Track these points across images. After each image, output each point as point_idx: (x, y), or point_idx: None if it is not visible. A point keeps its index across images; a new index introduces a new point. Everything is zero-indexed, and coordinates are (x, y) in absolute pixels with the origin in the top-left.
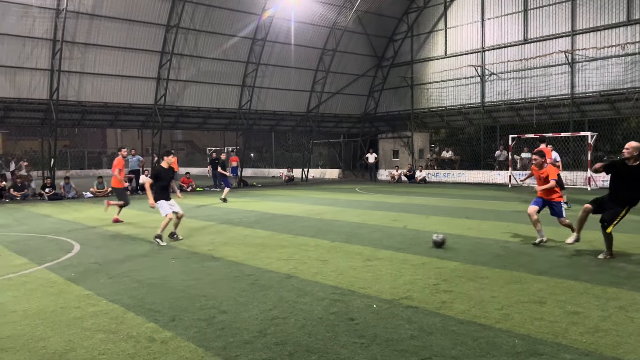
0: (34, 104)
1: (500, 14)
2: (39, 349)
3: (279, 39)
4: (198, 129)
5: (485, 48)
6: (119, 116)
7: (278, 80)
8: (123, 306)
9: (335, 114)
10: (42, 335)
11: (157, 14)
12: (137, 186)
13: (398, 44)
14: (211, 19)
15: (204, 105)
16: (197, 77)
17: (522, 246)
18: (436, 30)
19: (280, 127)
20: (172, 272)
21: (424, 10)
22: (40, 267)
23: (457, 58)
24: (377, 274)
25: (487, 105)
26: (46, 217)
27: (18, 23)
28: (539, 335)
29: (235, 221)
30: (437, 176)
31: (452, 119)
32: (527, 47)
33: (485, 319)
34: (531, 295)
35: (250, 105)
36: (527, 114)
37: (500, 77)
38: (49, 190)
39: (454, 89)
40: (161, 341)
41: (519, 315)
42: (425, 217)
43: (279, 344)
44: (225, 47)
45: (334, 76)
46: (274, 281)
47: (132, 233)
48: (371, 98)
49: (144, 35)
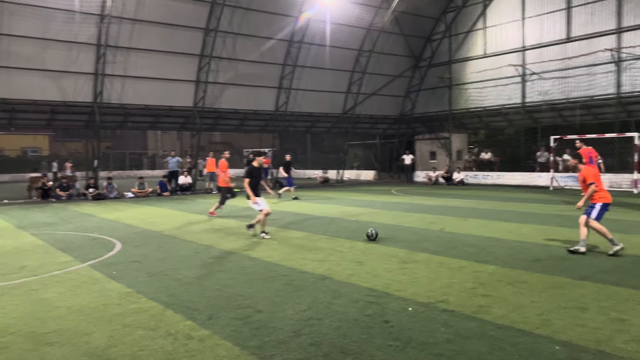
0: (79, 107)
1: (541, 12)
2: (82, 344)
3: (315, 41)
4: (235, 131)
5: (525, 47)
6: (159, 118)
7: (314, 82)
8: (162, 304)
9: (371, 115)
10: (86, 331)
11: (196, 18)
12: (177, 186)
13: (436, 44)
14: (249, 22)
15: (241, 108)
16: (235, 80)
17: (564, 250)
18: (475, 30)
19: (315, 128)
20: (209, 271)
21: (462, 10)
22: (84, 265)
23: (496, 57)
24: (413, 277)
25: (527, 105)
26: (90, 216)
27: (64, 29)
28: (580, 342)
29: (270, 222)
30: (476, 178)
31: (492, 120)
32: (569, 46)
33: (524, 324)
34: (573, 300)
35: (286, 107)
36: (570, 115)
37: (542, 76)
38: (93, 190)
39: (493, 89)
40: (198, 339)
41: (559, 321)
42: (463, 220)
43: (313, 345)
44: (263, 50)
45: (370, 77)
46: (309, 282)
47: (172, 233)
48: (408, 99)
49: (183, 39)
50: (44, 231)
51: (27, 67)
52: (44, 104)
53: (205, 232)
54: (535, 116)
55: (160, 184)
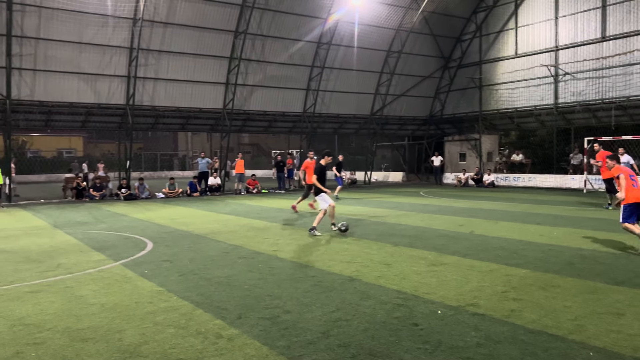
0: (112, 109)
1: (575, 11)
2: (116, 341)
3: (343, 42)
4: (264, 133)
5: (559, 47)
6: (190, 120)
7: (342, 83)
8: (192, 303)
9: (400, 116)
10: (118, 328)
11: (226, 21)
12: (206, 187)
13: (466, 44)
14: (278, 24)
15: (269, 109)
16: (264, 82)
17: (598, 254)
18: (506, 30)
19: (343, 129)
20: (238, 271)
21: (493, 9)
22: (117, 263)
23: (528, 58)
24: (442, 280)
25: (560, 106)
26: (122, 216)
27: (98, 33)
28: (616, 348)
29: (298, 223)
30: (507, 180)
31: (523, 121)
32: (605, 45)
33: (557, 330)
34: (608, 306)
35: (314, 108)
36: (605, 116)
37: (575, 76)
38: (125, 190)
39: (525, 89)
40: (228, 338)
41: (594, 326)
42: (493, 223)
43: (342, 346)
44: (291, 52)
45: (399, 78)
46: (337, 283)
47: (201, 233)
48: (437, 100)
49: (213, 42)
50: (78, 230)
51: (64, 71)
52: (79, 106)
53: (234, 232)
54: (569, 117)
55: (190, 184)
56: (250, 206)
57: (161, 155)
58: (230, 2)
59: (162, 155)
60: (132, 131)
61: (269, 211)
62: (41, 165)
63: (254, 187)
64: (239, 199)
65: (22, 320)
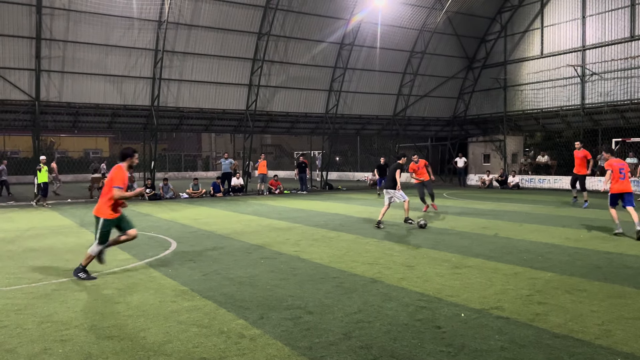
0: (138, 110)
1: (603, 10)
2: (140, 339)
3: (366, 43)
4: (286, 134)
5: (585, 46)
6: (213, 121)
7: (364, 84)
8: (215, 302)
9: (423, 117)
10: (143, 327)
11: (249, 23)
12: (229, 188)
13: (490, 45)
14: (301, 25)
15: (292, 110)
16: (286, 83)
17: (627, 258)
18: (532, 30)
19: (365, 130)
20: (260, 271)
21: (518, 9)
22: (141, 263)
23: (554, 58)
24: (465, 282)
25: (587, 107)
26: (146, 215)
27: (124, 35)
28: None
29: (320, 224)
30: (532, 182)
31: (549, 122)
32: (634, 45)
33: (583, 334)
34: (636, 311)
35: (336, 109)
36: (634, 116)
37: (603, 77)
38: (149, 190)
39: (550, 90)
40: (250, 338)
41: (621, 332)
42: (518, 225)
43: (363, 348)
44: (314, 53)
45: (422, 78)
46: (358, 285)
47: (224, 233)
48: (461, 100)
49: (237, 43)
50: None
51: (91, 73)
52: (106, 107)
53: (256, 232)
54: (596, 118)
55: (214, 185)
56: (273, 207)
57: (185, 156)
58: (254, 3)
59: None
60: (157, 132)
61: (291, 212)
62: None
63: (277, 188)
64: (262, 199)
65: (49, 318)
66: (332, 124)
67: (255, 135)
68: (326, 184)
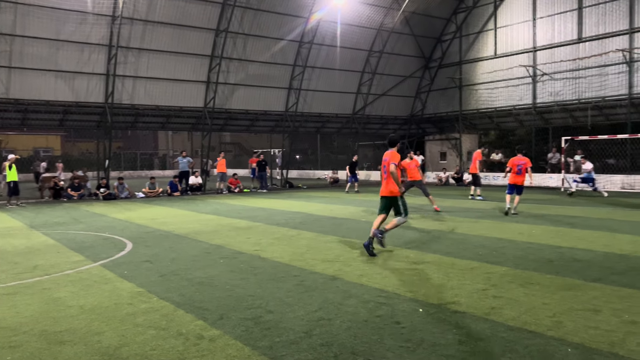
0: (91, 107)
1: (552, 13)
2: (94, 343)
3: (325, 42)
4: (246, 132)
5: (537, 48)
6: (170, 119)
7: (324, 83)
8: (173, 304)
9: (381, 116)
10: (97, 330)
11: (207, 19)
12: (187, 187)
13: (446, 45)
14: (259, 23)
15: (251, 108)
16: (245, 81)
17: (576, 252)
18: (486, 30)
19: (325, 129)
20: (220, 271)
21: (473, 10)
22: (95, 264)
23: (507, 58)
24: (423, 278)
25: (538, 106)
26: (101, 216)
27: (76, 30)
28: (593, 344)
29: (281, 222)
30: (486, 179)
31: (502, 121)
32: (581, 46)
33: (536, 326)
34: (585, 303)
35: (296, 107)
36: (581, 115)
37: (553, 77)
38: (104, 190)
39: (504, 89)
40: (209, 339)
41: (572, 323)
42: (474, 221)
43: (324, 345)
44: (273, 51)
45: (380, 78)
46: (319, 282)
47: (182, 233)
48: (418, 99)
49: (194, 40)
50: (55, 231)
51: (41, 68)
52: (57, 104)
53: (215, 232)
54: (547, 117)
55: (171, 184)
56: (232, 206)
57: (141, 155)
58: (212, 0)
59: (142, 154)
60: (111, 130)
61: (251, 211)
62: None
63: (236, 187)
64: (221, 198)
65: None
66: (292, 122)
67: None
68: (286, 183)
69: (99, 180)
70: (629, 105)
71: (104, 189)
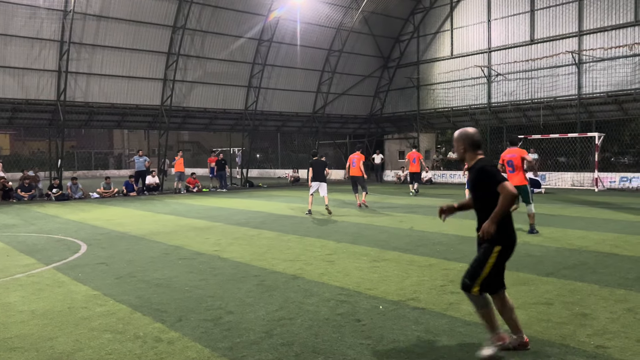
0: (42, 105)
1: (506, 15)
2: (47, 349)
3: (285, 40)
4: (204, 130)
5: (491, 49)
6: (126, 117)
7: (284, 81)
8: (130, 306)
9: (341, 115)
10: (50, 335)
11: (163, 15)
12: (144, 187)
13: (404, 45)
14: (218, 20)
15: (210, 106)
16: (204, 78)
17: (530, 247)
18: (442, 31)
19: (286, 127)
20: (178, 272)
21: (430, 11)
22: (48, 267)
23: (463, 59)
24: (383, 275)
25: (493, 106)
26: (53, 217)
27: (26, 25)
28: (545, 336)
29: (241, 222)
30: (444, 177)
31: (459, 120)
32: (533, 48)
33: None
34: (538, 296)
35: (256, 106)
36: (534, 115)
37: (507, 77)
38: (56, 190)
39: (460, 89)
40: (168, 341)
41: (526, 316)
42: (431, 218)
43: (285, 345)
44: (232, 48)
45: (340, 77)
46: (280, 282)
47: (139, 234)
48: (377, 99)
49: (150, 37)
50: (5, 233)
51: None
52: (5, 101)
53: (174, 232)
54: (501, 116)
55: (127, 184)
56: (191, 206)
57: (96, 154)
58: None
59: (96, 153)
60: (64, 128)
61: (211, 210)
62: None
63: (195, 186)
64: (179, 198)
65: None
66: (252, 120)
67: (172, 132)
68: (247, 182)
69: (51, 181)
70: (578, 105)
71: (57, 190)
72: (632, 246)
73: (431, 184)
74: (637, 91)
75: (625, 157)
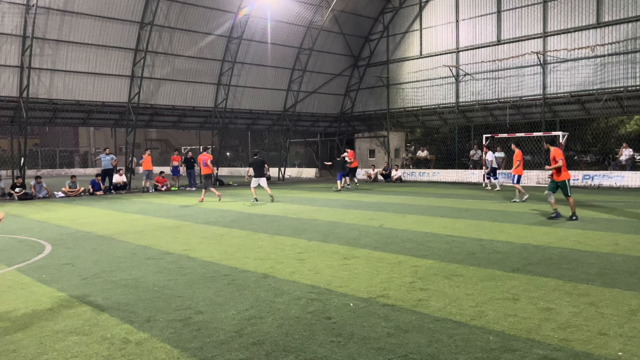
0: (3, 102)
1: (474, 15)
2: (9, 353)
3: (255, 38)
4: (173, 128)
5: (459, 49)
6: (92, 114)
7: (254, 79)
8: (96, 307)
9: (312, 113)
10: (13, 339)
11: (130, 11)
12: (111, 185)
13: (374, 44)
14: (186, 16)
15: (178, 104)
16: (172, 75)
17: (497, 244)
18: (412, 31)
19: (256, 126)
20: (146, 272)
21: (399, 11)
22: (10, 269)
23: (432, 58)
24: (353, 273)
25: (461, 105)
26: (16, 217)
27: None
28: (512, 331)
29: (211, 221)
30: (413, 175)
31: (427, 119)
32: (500, 48)
33: (460, 316)
34: (505, 292)
35: (225, 103)
36: (501, 114)
37: (474, 77)
38: (19, 190)
39: (429, 89)
40: (136, 343)
41: (493, 312)
42: (401, 216)
43: (255, 344)
44: (201, 45)
45: (311, 75)
46: (250, 281)
47: (106, 234)
48: (347, 97)
49: (117, 33)
50: None
51: None
52: None
53: (141, 232)
54: (469, 115)
55: (93, 182)
56: (159, 205)
57: (60, 152)
58: None
59: (61, 151)
60: (27, 126)
61: (180, 209)
62: None
63: (163, 185)
64: (147, 197)
65: None
66: (222, 118)
67: (139, 130)
68: (217, 180)
69: (13, 180)
70: (543, 105)
71: (20, 189)
72: (594, 242)
73: (401, 182)
74: (598, 91)
75: (588, 155)
